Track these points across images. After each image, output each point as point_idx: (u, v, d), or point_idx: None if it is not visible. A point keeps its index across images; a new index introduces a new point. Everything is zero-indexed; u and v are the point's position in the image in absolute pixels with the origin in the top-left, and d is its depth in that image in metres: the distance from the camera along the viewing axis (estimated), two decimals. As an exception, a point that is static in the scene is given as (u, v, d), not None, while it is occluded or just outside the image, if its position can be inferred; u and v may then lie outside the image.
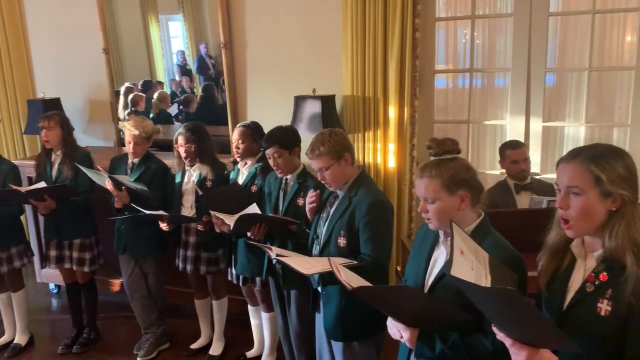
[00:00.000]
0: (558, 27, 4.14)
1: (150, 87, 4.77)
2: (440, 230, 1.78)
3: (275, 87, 4.00)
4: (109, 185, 3.18)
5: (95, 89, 4.66)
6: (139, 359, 3.55)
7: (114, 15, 4.59)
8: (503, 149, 3.32)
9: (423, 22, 3.54)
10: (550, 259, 1.51)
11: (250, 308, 3.44)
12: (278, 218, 2.78)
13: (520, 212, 2.97)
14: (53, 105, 4.34)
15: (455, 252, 1.39)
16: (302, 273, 2.15)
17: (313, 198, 2.52)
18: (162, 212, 3.16)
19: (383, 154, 3.70)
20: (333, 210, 2.43)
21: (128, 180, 3.24)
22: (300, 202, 2.76)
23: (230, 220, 2.75)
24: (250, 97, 4.12)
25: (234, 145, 3.16)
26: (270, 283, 3.06)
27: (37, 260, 4.36)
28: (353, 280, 1.84)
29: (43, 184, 3.37)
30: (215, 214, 2.89)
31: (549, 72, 3.77)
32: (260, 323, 3.42)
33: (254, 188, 3.09)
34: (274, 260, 2.54)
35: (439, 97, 4.20)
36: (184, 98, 4.67)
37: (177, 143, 3.27)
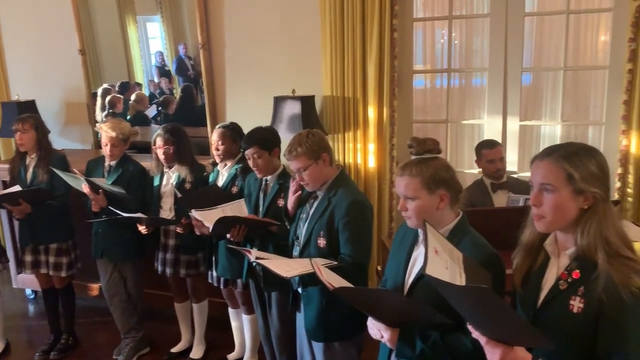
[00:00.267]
0: (534, 27, 4.20)
1: (128, 88, 4.71)
2: (420, 229, 1.79)
3: (255, 87, 3.98)
4: (86, 189, 3.14)
5: (72, 91, 4.59)
6: (119, 364, 3.51)
7: (91, 16, 4.53)
8: (479, 149, 3.35)
9: (401, 22, 3.57)
10: (525, 257, 1.52)
11: (231, 310, 3.42)
12: (257, 220, 2.77)
13: (497, 210, 3.00)
14: (28, 108, 4.27)
15: (430, 251, 1.40)
16: (281, 276, 2.14)
17: (295, 187, 2.52)
18: (140, 214, 3.12)
19: (363, 154, 3.71)
20: (312, 211, 2.42)
21: (105, 183, 3.20)
22: (281, 203, 2.75)
23: (209, 222, 2.73)
24: (230, 98, 4.10)
25: (214, 147, 3.14)
26: (251, 285, 3.04)
27: (12, 266, 4.28)
28: (334, 281, 1.84)
29: (18, 188, 3.31)
30: (195, 216, 2.86)
31: (525, 71, 3.83)
32: (241, 325, 3.40)
33: (235, 189, 3.07)
34: (254, 263, 2.53)
35: (418, 97, 4.22)
36: (163, 99, 4.62)
37: (155, 145, 3.23)
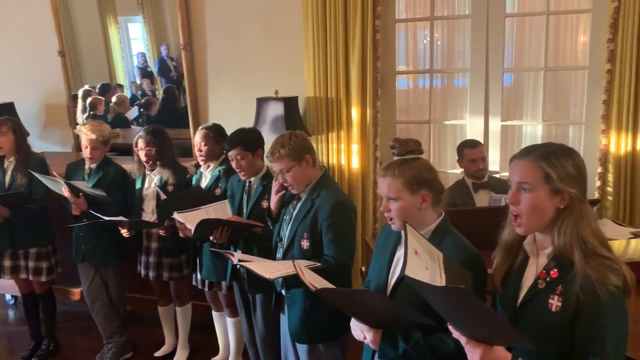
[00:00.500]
0: (514, 28, 4.25)
1: (109, 90, 4.67)
2: (403, 231, 1.79)
3: (237, 89, 3.97)
4: (66, 192, 3.10)
5: (51, 93, 4.53)
6: (101, 370, 3.46)
7: (71, 17, 4.48)
8: (461, 148, 3.37)
9: (383, 23, 3.58)
10: (504, 257, 1.53)
11: (215, 313, 3.40)
12: (240, 221, 2.75)
13: (479, 210, 3.02)
14: (6, 110, 4.20)
15: (410, 252, 1.40)
16: (264, 277, 2.13)
17: (278, 187, 2.51)
18: (121, 217, 3.09)
19: (347, 155, 3.72)
20: (296, 213, 2.42)
21: (85, 186, 3.16)
22: (265, 204, 2.74)
23: (192, 225, 2.70)
24: (212, 99, 4.08)
25: (197, 148, 3.12)
26: (235, 288, 3.03)
27: (-9, 271, 4.20)
28: (317, 282, 1.83)
29: (-4, 192, 3.25)
30: (177, 219, 2.84)
31: (507, 72, 3.86)
32: (225, 328, 3.38)
33: (218, 191, 3.05)
34: (238, 266, 2.51)
35: (401, 97, 4.24)
36: (145, 101, 4.59)
37: (137, 147, 3.20)
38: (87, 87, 4.63)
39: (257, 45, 3.87)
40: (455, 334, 1.38)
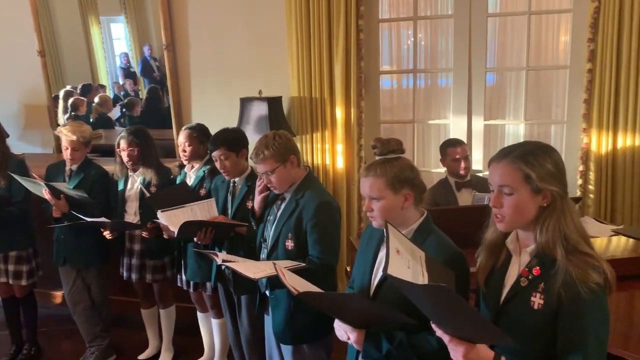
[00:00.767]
0: (497, 27, 4.28)
1: (90, 90, 4.62)
2: (385, 230, 1.79)
3: (220, 89, 3.94)
4: (46, 194, 3.05)
5: (31, 94, 4.46)
6: (84, 374, 3.43)
7: (51, 16, 4.41)
8: (444, 148, 3.38)
9: (367, 23, 3.58)
10: (488, 256, 1.54)
11: (200, 315, 3.38)
12: (224, 222, 2.73)
13: (461, 209, 3.04)
14: (-15, 111, 4.13)
15: (392, 251, 1.40)
16: (249, 277, 2.12)
17: (261, 187, 2.50)
18: (104, 219, 3.05)
19: (331, 155, 3.71)
20: (280, 213, 2.41)
21: (66, 188, 3.11)
22: (250, 204, 2.72)
23: (175, 227, 2.68)
24: (195, 99, 4.05)
25: (181, 149, 3.10)
26: (220, 289, 3.01)
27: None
28: (299, 285, 1.82)
29: (-26, 195, 3.19)
30: (161, 221, 2.81)
31: (489, 71, 3.89)
32: (210, 329, 3.36)
33: (203, 192, 3.04)
34: (223, 267, 2.49)
35: (385, 97, 4.25)
36: (128, 101, 4.55)
37: (119, 147, 3.17)
38: (68, 87, 4.58)
39: (240, 45, 3.85)
40: (438, 332, 1.38)
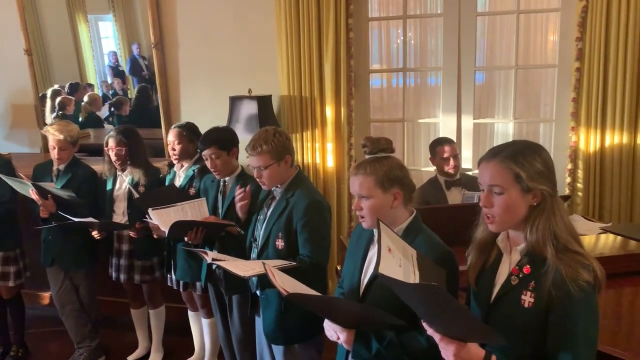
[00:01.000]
0: (486, 26, 4.29)
1: (78, 89, 4.58)
2: (375, 229, 1.79)
3: (210, 87, 3.92)
4: (33, 194, 3.02)
5: (18, 93, 4.41)
6: (73, 375, 3.40)
7: (38, 15, 4.36)
8: (433, 146, 3.39)
9: (356, 22, 3.58)
10: (478, 254, 1.54)
11: (190, 314, 3.37)
12: (213, 223, 2.71)
13: (451, 207, 3.05)
14: (-30, 111, 4.08)
15: (383, 250, 1.40)
16: (239, 276, 2.11)
17: (241, 195, 2.48)
18: (91, 219, 3.02)
19: (321, 154, 3.71)
20: (270, 212, 2.40)
21: (54, 188, 3.08)
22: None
23: (165, 227, 2.66)
24: (184, 98, 4.02)
25: (170, 147, 3.08)
26: (210, 289, 2.99)
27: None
28: (288, 285, 1.81)
29: (-41, 195, 3.15)
30: (151, 219, 2.79)
31: (479, 70, 3.90)
32: (201, 329, 3.34)
33: (192, 191, 3.02)
34: (214, 266, 2.48)
35: (375, 96, 4.25)
36: (116, 100, 4.51)
37: (107, 146, 3.14)
38: (56, 86, 4.53)
39: (229, 44, 3.83)
40: (429, 331, 1.38)
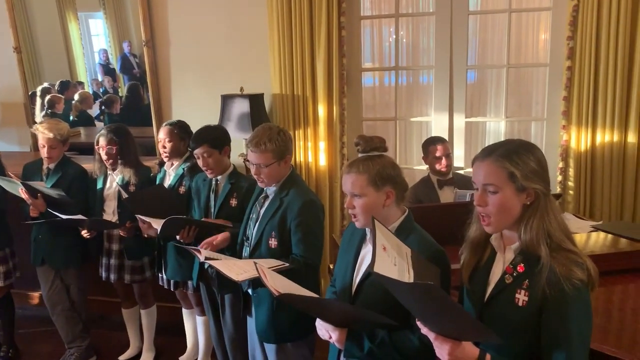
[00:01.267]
0: (478, 25, 4.30)
1: (68, 87, 4.54)
2: (367, 229, 1.79)
3: (201, 86, 3.90)
4: (23, 193, 2.99)
5: (7, 90, 4.36)
6: (63, 376, 3.37)
7: (27, 12, 4.32)
8: (426, 145, 3.39)
9: (348, 20, 3.57)
10: (472, 253, 1.54)
11: (185, 311, 3.36)
12: (207, 222, 2.70)
13: (443, 206, 3.04)
14: (-41, 109, 4.03)
15: (378, 248, 1.40)
16: (232, 279, 2.10)
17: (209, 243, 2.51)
18: (81, 216, 3.00)
19: (314, 152, 3.70)
20: (263, 211, 2.39)
21: (44, 187, 3.05)
22: (233, 203, 2.72)
23: (157, 224, 2.64)
24: (175, 96, 4.00)
25: (160, 145, 3.07)
26: (202, 288, 2.98)
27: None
28: (280, 285, 1.80)
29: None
30: (142, 218, 2.77)
31: (470, 69, 3.90)
32: (195, 327, 3.33)
33: (182, 189, 3.01)
34: (206, 265, 2.47)
35: (367, 95, 4.25)
36: (106, 98, 4.48)
37: (97, 145, 3.12)
38: (45, 84, 4.48)
39: (221, 42, 3.81)
40: (424, 330, 1.38)
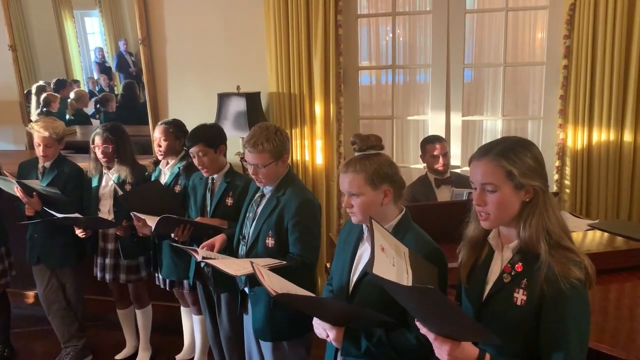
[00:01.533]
0: (474, 24, 4.30)
1: (65, 86, 4.51)
2: (364, 225, 1.78)
3: (198, 84, 3.89)
4: (18, 192, 2.98)
5: (3, 89, 4.35)
6: (59, 375, 3.36)
7: (23, 10, 4.30)
8: (424, 144, 3.40)
9: (345, 18, 3.56)
10: (470, 252, 1.54)
11: (183, 309, 3.36)
12: (202, 223, 2.69)
13: (440, 205, 3.04)
14: (-47, 107, 4.01)
15: (376, 249, 1.39)
16: (230, 274, 2.09)
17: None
18: (77, 215, 2.98)
19: (310, 151, 3.69)
20: (260, 210, 2.38)
21: (39, 185, 3.04)
22: (229, 202, 2.71)
23: (152, 221, 2.63)
24: (172, 94, 3.99)
25: (156, 144, 3.06)
26: (198, 287, 2.97)
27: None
28: (277, 285, 1.80)
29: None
30: (137, 215, 2.76)
31: (467, 67, 3.90)
32: (192, 325, 3.32)
33: (178, 188, 3.00)
34: (202, 264, 2.46)
35: (364, 93, 4.24)
36: (102, 97, 4.46)
37: (93, 143, 3.11)
38: (41, 82, 4.46)
39: (218, 40, 3.80)
40: (423, 330, 1.38)
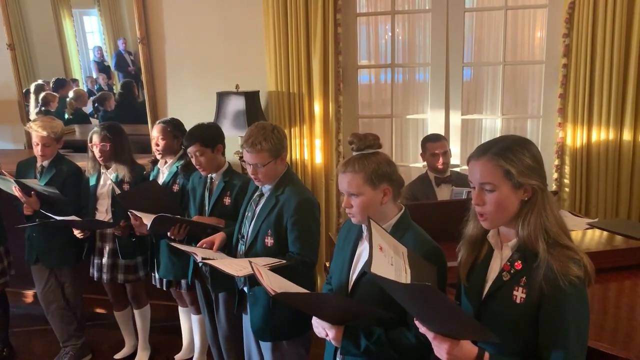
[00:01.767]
0: (474, 22, 4.30)
1: (64, 85, 4.50)
2: (364, 225, 1.78)
3: (197, 83, 3.89)
4: (17, 191, 2.97)
5: (1, 88, 4.34)
6: (58, 375, 3.36)
7: (21, 8, 4.29)
8: (424, 143, 3.39)
9: (344, 17, 3.56)
10: (469, 251, 1.54)
11: (181, 309, 3.36)
12: (198, 222, 2.68)
13: (440, 203, 3.04)
14: (-49, 106, 4.00)
15: (375, 249, 1.39)
16: (232, 275, 2.09)
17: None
18: (74, 217, 2.97)
19: (310, 150, 3.69)
20: (259, 210, 2.38)
21: (37, 184, 3.03)
22: (227, 201, 2.71)
23: (149, 220, 2.62)
24: (171, 93, 3.98)
25: (154, 143, 3.05)
26: (197, 286, 2.97)
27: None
28: (276, 284, 1.79)
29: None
30: (135, 214, 2.75)
31: (466, 66, 3.90)
32: (191, 325, 3.32)
33: (176, 187, 3.00)
34: (201, 264, 2.46)
35: (363, 92, 4.24)
36: (100, 96, 4.46)
37: (91, 142, 3.10)
38: (40, 81, 4.46)
39: (216, 39, 3.79)
40: (422, 329, 1.37)
